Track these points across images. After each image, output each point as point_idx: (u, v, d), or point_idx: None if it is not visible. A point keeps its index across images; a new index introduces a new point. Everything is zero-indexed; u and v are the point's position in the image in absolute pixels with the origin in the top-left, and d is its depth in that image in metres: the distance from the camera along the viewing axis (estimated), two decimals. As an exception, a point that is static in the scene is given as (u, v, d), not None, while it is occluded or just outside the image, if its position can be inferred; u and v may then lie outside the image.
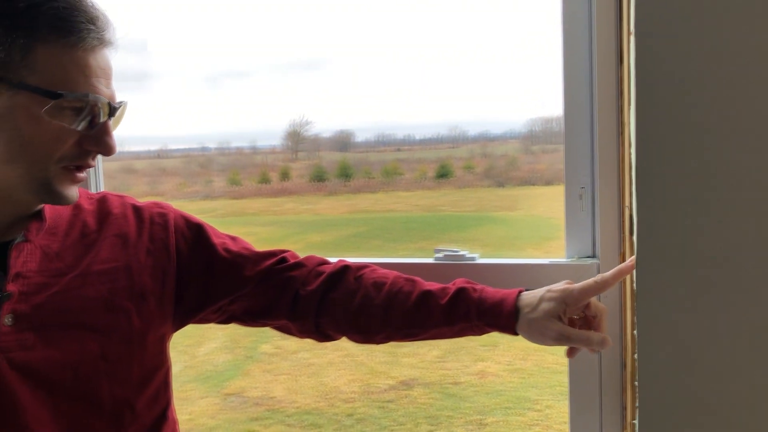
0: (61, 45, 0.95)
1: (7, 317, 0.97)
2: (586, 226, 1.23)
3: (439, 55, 4.17)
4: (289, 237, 4.71)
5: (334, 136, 4.47)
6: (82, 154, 0.98)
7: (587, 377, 1.23)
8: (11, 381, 0.97)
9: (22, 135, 0.95)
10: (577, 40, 1.21)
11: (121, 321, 1.05)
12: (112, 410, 1.04)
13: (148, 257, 1.09)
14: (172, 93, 3.80)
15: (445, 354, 4.62)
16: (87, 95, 0.95)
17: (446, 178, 4.60)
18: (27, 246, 1.02)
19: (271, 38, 3.65)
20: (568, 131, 1.22)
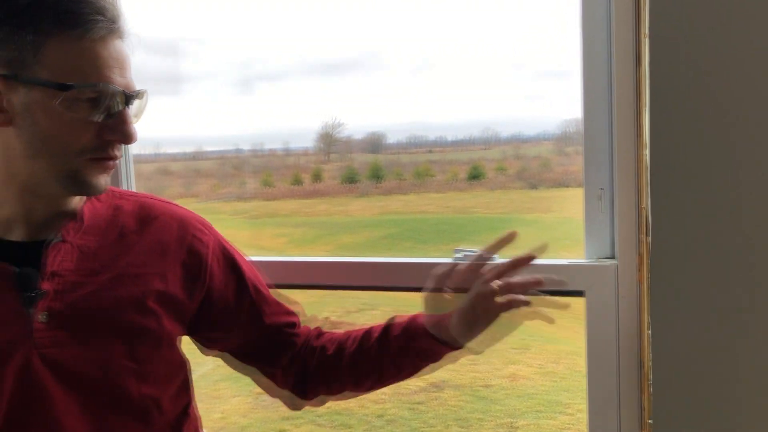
0: (69, 37, 0.96)
1: (42, 314, 1.00)
2: (605, 227, 1.22)
3: (471, 55, 4.11)
4: (321, 238, 4.74)
5: (366, 137, 4.48)
6: (103, 144, 1.00)
7: (605, 377, 1.22)
8: (43, 376, 1.00)
9: (41, 130, 0.98)
10: (595, 42, 1.20)
11: (151, 323, 1.07)
12: (140, 407, 1.06)
13: (182, 269, 1.12)
14: (207, 96, 3.82)
15: (476, 356, 4.59)
16: (97, 85, 0.97)
17: (478, 179, 4.58)
18: (64, 246, 1.04)
19: (304, 40, 3.65)
20: (587, 133, 1.22)
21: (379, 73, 4.11)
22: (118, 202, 1.14)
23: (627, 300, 1.18)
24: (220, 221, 3.05)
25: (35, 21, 0.95)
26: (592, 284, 1.21)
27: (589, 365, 1.24)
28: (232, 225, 4.38)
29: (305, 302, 2.14)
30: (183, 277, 1.12)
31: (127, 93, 0.99)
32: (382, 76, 4.13)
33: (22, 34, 0.95)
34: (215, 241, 1.19)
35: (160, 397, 1.09)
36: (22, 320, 1.00)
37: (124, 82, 1.00)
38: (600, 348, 1.22)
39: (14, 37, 0.95)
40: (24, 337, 0.99)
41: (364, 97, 4.42)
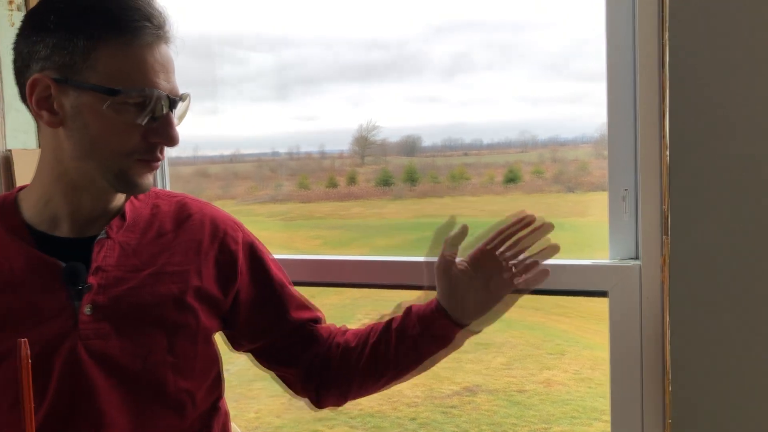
0: (118, 43, 1.00)
1: (87, 307, 1.04)
2: (629, 228, 1.20)
3: (508, 57, 4.08)
4: (355, 240, 4.76)
5: (401, 140, 4.48)
6: (148, 146, 1.03)
7: (629, 377, 1.20)
8: (88, 367, 1.03)
9: (90, 132, 1.01)
10: (620, 45, 1.18)
11: (189, 319, 1.10)
12: (176, 400, 1.09)
13: (215, 266, 1.15)
14: (244, 99, 3.87)
15: (511, 361, 4.56)
16: (144, 90, 1.00)
17: (515, 183, 4.54)
18: (108, 242, 1.08)
19: (340, 44, 3.68)
20: (611, 134, 1.21)
21: (415, 76, 4.08)
22: (156, 202, 1.17)
23: (650, 300, 1.16)
24: (256, 223, 3.10)
25: (87, 27, 0.99)
26: (616, 284, 1.19)
27: (612, 365, 1.22)
28: (268, 227, 4.43)
29: (339, 304, 2.13)
30: (216, 275, 1.15)
31: (171, 97, 1.03)
32: (418, 79, 4.09)
33: (75, 39, 0.99)
34: (245, 239, 1.21)
35: (195, 391, 1.12)
36: (69, 313, 1.04)
37: (168, 86, 1.03)
38: (623, 348, 1.20)
39: (67, 43, 0.98)
40: (70, 329, 1.03)
41: (399, 100, 4.39)
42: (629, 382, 1.20)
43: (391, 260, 1.40)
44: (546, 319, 5.14)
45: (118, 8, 1.00)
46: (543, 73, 4.17)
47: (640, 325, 1.17)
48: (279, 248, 1.50)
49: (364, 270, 1.43)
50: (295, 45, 3.71)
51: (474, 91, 4.59)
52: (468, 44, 4.07)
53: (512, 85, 4.50)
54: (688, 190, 0.95)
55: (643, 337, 1.17)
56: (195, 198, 1.22)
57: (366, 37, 3.73)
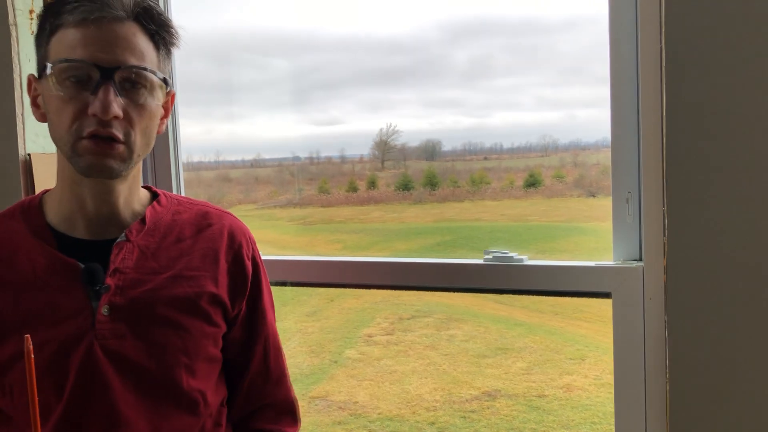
0: (61, 28, 1.06)
1: (105, 308, 1.08)
2: (633, 230, 1.21)
3: (528, 61, 4.11)
4: (375, 245, 4.76)
5: (421, 145, 4.51)
6: (90, 120, 1.05)
7: (632, 378, 1.20)
8: (104, 366, 1.07)
9: (51, 117, 1.07)
10: (622, 49, 1.19)
11: (203, 322, 1.14)
12: (190, 399, 1.13)
13: (228, 276, 1.18)
14: (265, 105, 3.94)
15: (531, 366, 4.53)
16: (67, 60, 1.03)
17: (535, 187, 4.52)
18: (127, 245, 1.12)
19: (359, 48, 3.72)
20: (614, 137, 1.21)
21: (434, 80, 4.11)
22: (177, 208, 1.21)
23: (654, 302, 1.17)
24: (276, 227, 3.16)
25: (47, 22, 1.07)
26: (619, 286, 1.20)
27: (616, 365, 1.22)
28: (288, 231, 4.46)
29: (359, 308, 2.16)
30: (229, 284, 1.18)
31: (102, 66, 1.03)
32: (438, 83, 4.13)
33: (42, 37, 1.07)
34: (255, 258, 1.24)
35: (205, 390, 1.16)
36: (87, 313, 1.08)
37: (107, 57, 1.04)
38: (627, 348, 1.21)
39: (39, 41, 1.07)
40: (88, 329, 1.07)
41: (419, 105, 4.42)
42: (633, 382, 1.20)
43: (410, 261, 1.42)
44: (566, 323, 5.10)
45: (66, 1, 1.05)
46: (564, 77, 4.12)
47: (643, 326, 1.17)
48: (299, 252, 1.52)
49: (383, 271, 1.45)
50: (315, 50, 3.75)
51: (494, 95, 4.58)
52: (488, 48, 4.08)
53: (533, 88, 4.47)
54: (684, 193, 0.95)
55: (647, 338, 1.17)
56: (216, 207, 1.25)
57: (386, 42, 3.76)
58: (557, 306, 5.14)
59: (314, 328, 4.96)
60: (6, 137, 1.62)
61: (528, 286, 1.31)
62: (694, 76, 0.94)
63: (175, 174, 1.67)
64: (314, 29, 3.58)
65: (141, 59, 1.06)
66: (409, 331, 4.93)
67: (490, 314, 5.16)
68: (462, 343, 4.78)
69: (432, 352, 4.74)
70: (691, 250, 0.95)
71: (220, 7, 2.99)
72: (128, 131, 1.05)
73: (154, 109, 1.09)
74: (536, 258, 1.35)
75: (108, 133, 1.04)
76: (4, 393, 1.06)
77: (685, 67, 0.94)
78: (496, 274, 1.31)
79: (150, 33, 1.08)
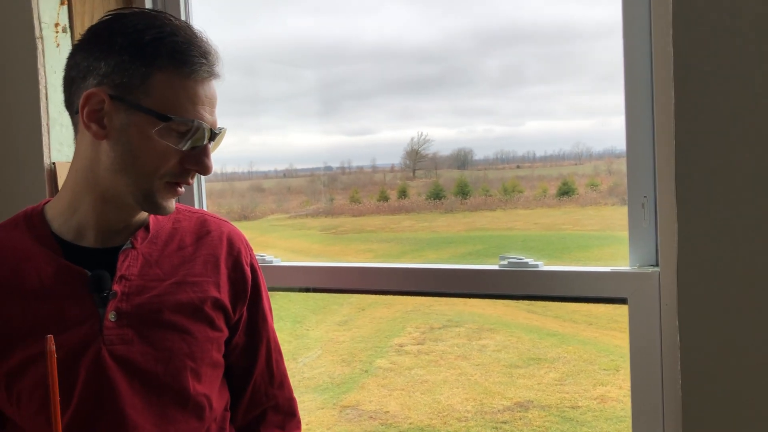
0: (176, 74, 1.07)
1: (111, 314, 1.10)
2: (649, 235, 1.19)
3: (561, 68, 4.08)
4: (406, 254, 4.76)
5: (453, 153, 4.51)
6: (182, 172, 1.10)
7: (649, 384, 1.18)
8: (111, 371, 1.09)
9: (134, 150, 1.08)
10: (636, 52, 1.18)
11: (207, 326, 1.16)
12: (196, 403, 1.14)
13: (228, 282, 1.20)
14: (297, 115, 3.99)
15: (564, 377, 4.47)
16: (193, 121, 1.07)
17: (569, 195, 4.46)
18: (132, 252, 1.15)
19: (388, 59, 3.75)
20: (629, 142, 1.20)
21: (466, 89, 4.11)
22: (177, 217, 1.24)
23: (670, 307, 1.14)
24: (308, 236, 3.19)
25: (151, 55, 1.05)
26: (635, 291, 1.18)
27: (633, 373, 1.20)
28: (320, 240, 4.49)
29: (389, 317, 2.15)
30: (230, 289, 1.20)
31: (213, 130, 1.09)
32: (470, 92, 4.13)
33: (137, 63, 1.06)
34: (254, 264, 1.27)
35: (210, 395, 1.17)
36: (95, 319, 1.10)
37: (212, 119, 1.11)
38: (643, 355, 1.19)
39: (129, 65, 1.06)
40: (96, 335, 1.09)
41: (450, 114, 4.43)
42: (649, 390, 1.18)
43: (423, 267, 1.42)
44: (599, 333, 5.02)
45: (183, 43, 1.07)
46: (597, 84, 4.09)
47: (659, 331, 1.15)
48: (332, 261, 1.54)
49: (396, 276, 1.46)
50: (345, 60, 3.78)
51: (527, 103, 4.57)
52: (520, 56, 4.08)
53: (566, 96, 4.43)
54: (696, 197, 0.93)
55: (663, 343, 1.15)
56: (214, 215, 1.28)
57: (416, 51, 3.77)
58: (591, 316, 5.06)
59: (345, 337, 4.97)
60: (32, 146, 1.67)
61: (543, 292, 1.30)
62: (703, 80, 0.93)
63: (197, 184, 1.70)
64: (344, 39, 3.61)
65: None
66: (441, 341, 4.90)
67: (522, 324, 5.10)
68: (494, 353, 4.73)
69: (463, 362, 4.71)
70: (703, 255, 0.93)
71: (250, 19, 3.03)
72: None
73: None
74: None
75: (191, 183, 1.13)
76: (12, 401, 1.08)
77: (694, 72, 0.93)
78: (511, 280, 1.30)
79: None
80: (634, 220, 1.21)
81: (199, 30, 1.10)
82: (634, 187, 1.20)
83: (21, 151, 1.69)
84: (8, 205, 1.25)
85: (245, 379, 1.27)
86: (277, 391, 1.30)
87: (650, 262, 1.20)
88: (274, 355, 1.30)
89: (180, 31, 1.08)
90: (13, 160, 1.70)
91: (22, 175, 1.69)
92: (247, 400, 1.28)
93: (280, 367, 1.32)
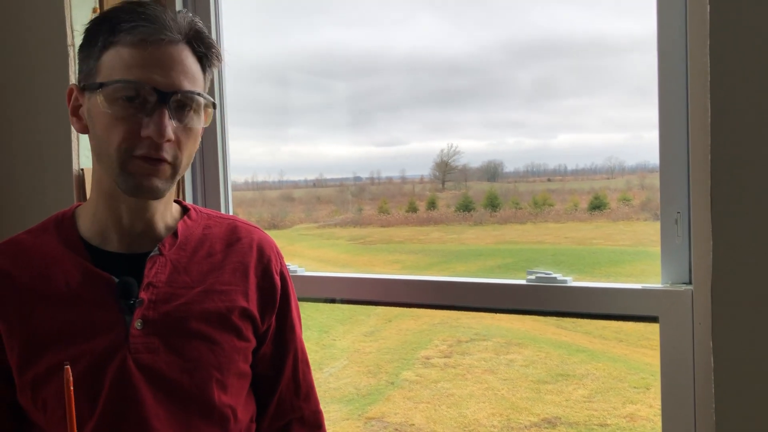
0: (117, 44, 1.07)
1: (138, 322, 1.10)
2: (682, 252, 1.16)
3: (593, 81, 4.06)
4: (434, 266, 4.73)
5: (483, 165, 4.50)
6: (142, 142, 1.07)
7: (680, 406, 1.14)
8: (136, 380, 1.08)
9: (96, 132, 1.09)
10: (671, 65, 1.15)
11: (234, 336, 1.15)
12: (221, 415, 1.13)
13: (257, 291, 1.20)
14: (328, 125, 4.01)
15: (593, 394, 4.39)
16: (125, 80, 1.05)
17: (600, 209, 4.41)
18: (160, 259, 1.14)
19: (420, 70, 3.76)
20: (662, 155, 1.17)
21: (497, 101, 4.10)
22: (208, 223, 1.23)
23: (704, 327, 1.11)
24: (337, 246, 3.19)
25: (99, 35, 1.08)
26: (667, 310, 1.15)
27: (664, 395, 1.17)
28: (348, 249, 4.49)
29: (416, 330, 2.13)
30: (258, 298, 1.19)
31: (160, 90, 1.06)
32: (501, 104, 4.12)
33: (92, 49, 1.08)
34: (283, 273, 1.25)
35: (236, 406, 1.16)
36: (121, 326, 1.10)
37: (164, 81, 1.07)
38: (675, 376, 1.15)
39: (87, 53, 1.09)
40: (121, 343, 1.09)
41: (481, 126, 4.41)
42: (681, 412, 1.15)
43: (448, 280, 1.40)
44: (630, 351, 4.93)
45: (124, 14, 1.07)
46: (630, 98, 4.04)
47: (692, 352, 1.12)
48: (358, 271, 1.53)
49: (421, 290, 1.44)
50: (376, 72, 3.80)
51: (558, 116, 4.54)
52: (552, 69, 4.05)
53: (598, 109, 4.39)
54: (731, 214, 0.90)
55: (696, 365, 1.12)
56: (245, 221, 1.26)
57: (447, 63, 3.77)
58: (621, 332, 4.98)
59: (371, 348, 4.95)
60: (61, 152, 1.69)
61: (572, 309, 1.27)
62: (740, 93, 0.90)
63: (224, 192, 1.70)
64: (375, 51, 3.62)
65: (193, 83, 1.09)
66: (468, 355, 4.86)
67: (551, 339, 5.04)
68: (522, 368, 4.68)
69: (490, 376, 4.66)
70: (739, 273, 0.90)
71: (282, 30, 3.05)
72: (176, 153, 1.09)
73: (199, 130, 1.12)
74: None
75: (159, 155, 1.08)
76: (38, 407, 1.08)
77: (731, 85, 0.90)
78: (538, 296, 1.27)
79: (198, 55, 1.11)
80: (667, 235, 1.18)
81: (161, 8, 1.09)
82: (667, 202, 1.17)
83: (50, 158, 1.71)
84: (37, 211, 1.26)
85: (271, 390, 1.26)
86: (303, 403, 1.29)
87: (683, 279, 1.17)
88: (301, 366, 1.28)
89: (125, 6, 1.08)
90: (43, 166, 1.72)
91: (51, 181, 1.71)
92: (273, 411, 1.27)
93: (307, 379, 1.31)
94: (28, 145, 1.73)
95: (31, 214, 1.26)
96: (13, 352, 1.08)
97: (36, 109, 1.73)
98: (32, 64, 1.73)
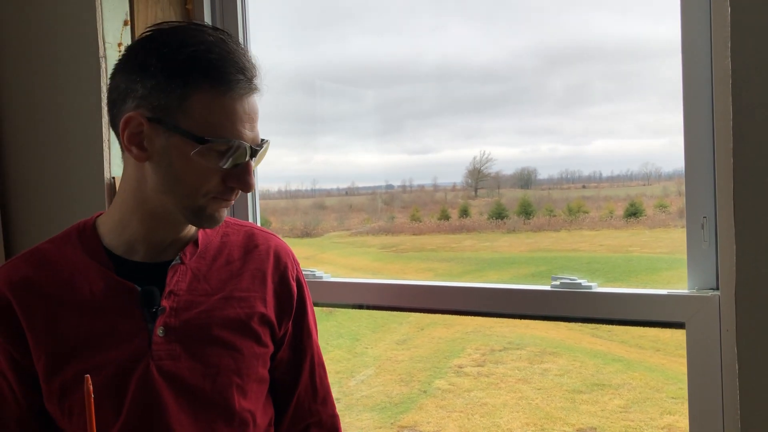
0: (213, 93, 1.06)
1: (160, 329, 1.11)
2: (709, 257, 1.14)
3: (628, 87, 4.01)
4: (467, 274, 4.71)
5: (516, 173, 4.46)
6: (225, 190, 1.10)
7: (708, 414, 1.12)
8: (159, 386, 1.10)
9: (175, 171, 1.09)
10: (696, 68, 1.14)
11: (254, 342, 1.16)
12: (242, 420, 1.14)
13: (275, 296, 1.21)
14: (360, 134, 4.03)
15: (629, 404, 4.32)
16: (230, 140, 1.06)
17: (636, 217, 4.35)
18: (181, 267, 1.16)
19: (452, 78, 3.76)
20: (688, 160, 1.16)
21: (530, 108, 4.07)
22: (226, 230, 1.25)
23: (731, 333, 1.08)
24: (368, 254, 3.20)
25: (186, 74, 1.05)
26: (694, 316, 1.13)
27: (691, 400, 1.15)
28: (380, 257, 4.50)
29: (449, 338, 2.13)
30: (275, 304, 1.20)
31: (253, 147, 1.09)
32: (534, 111, 4.09)
33: (173, 84, 1.05)
34: (299, 279, 1.26)
35: (255, 411, 1.17)
36: (144, 334, 1.11)
37: (252, 135, 1.09)
38: (702, 383, 1.13)
39: (165, 86, 1.05)
40: (145, 350, 1.11)
41: (514, 133, 4.39)
42: (709, 419, 1.12)
43: (472, 286, 1.39)
44: (668, 360, 4.84)
45: (218, 60, 1.06)
46: (666, 103, 3.98)
47: (720, 358, 1.09)
48: (391, 279, 1.54)
49: (445, 295, 1.43)
50: (408, 80, 3.80)
51: (592, 122, 4.48)
52: (585, 74, 4.01)
53: (633, 115, 4.33)
54: (755, 218, 0.89)
55: (723, 371, 1.09)
56: (262, 228, 1.28)
57: (479, 70, 3.76)
58: (658, 341, 4.89)
59: (404, 356, 4.94)
60: (93, 162, 1.73)
61: (597, 315, 1.25)
62: (762, 96, 0.89)
63: (251, 199, 1.73)
64: (406, 60, 3.63)
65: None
66: (501, 363, 4.82)
67: (586, 348, 4.97)
68: (556, 378, 4.62)
69: (524, 385, 4.62)
70: (763, 277, 0.88)
71: (312, 40, 3.08)
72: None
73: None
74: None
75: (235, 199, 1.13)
76: (65, 414, 1.11)
77: (752, 87, 0.89)
78: (563, 301, 1.26)
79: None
80: (693, 241, 1.16)
81: (236, 43, 1.08)
82: (692, 207, 1.15)
83: (83, 166, 1.75)
84: (69, 218, 1.30)
85: (289, 394, 1.27)
86: (321, 407, 1.30)
87: (710, 285, 1.14)
88: (318, 371, 1.29)
89: (215, 48, 1.06)
90: (76, 174, 1.77)
91: (84, 189, 1.75)
92: (290, 415, 1.27)
93: (324, 383, 1.31)
94: (61, 154, 1.78)
95: (63, 222, 1.31)
96: (39, 361, 1.10)
97: (69, 119, 1.78)
98: (65, 76, 1.78)
